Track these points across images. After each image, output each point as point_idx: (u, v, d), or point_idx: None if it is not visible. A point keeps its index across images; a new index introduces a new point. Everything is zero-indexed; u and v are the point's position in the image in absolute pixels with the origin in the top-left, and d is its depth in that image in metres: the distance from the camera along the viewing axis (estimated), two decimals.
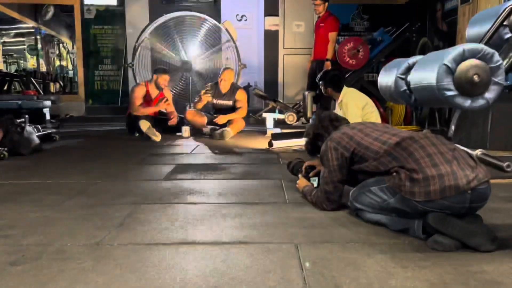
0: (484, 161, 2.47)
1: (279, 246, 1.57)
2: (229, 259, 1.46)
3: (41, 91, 7.67)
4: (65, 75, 13.16)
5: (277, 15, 7.66)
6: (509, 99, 3.44)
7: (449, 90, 1.18)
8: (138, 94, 5.13)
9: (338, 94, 3.70)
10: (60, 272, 1.36)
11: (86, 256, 1.49)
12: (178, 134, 5.09)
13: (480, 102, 1.22)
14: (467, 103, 1.22)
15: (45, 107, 4.91)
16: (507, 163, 2.44)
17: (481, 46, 1.17)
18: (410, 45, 6.53)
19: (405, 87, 1.43)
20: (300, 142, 4.17)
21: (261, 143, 4.36)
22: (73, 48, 8.49)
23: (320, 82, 3.80)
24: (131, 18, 7.44)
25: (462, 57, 1.16)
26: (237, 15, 8.44)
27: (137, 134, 4.86)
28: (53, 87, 9.83)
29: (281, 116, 5.45)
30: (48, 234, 1.72)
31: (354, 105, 3.54)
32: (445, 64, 1.16)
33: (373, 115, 3.62)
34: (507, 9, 1.31)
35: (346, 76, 5.96)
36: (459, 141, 3.17)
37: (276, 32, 7.74)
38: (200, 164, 3.30)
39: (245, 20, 8.47)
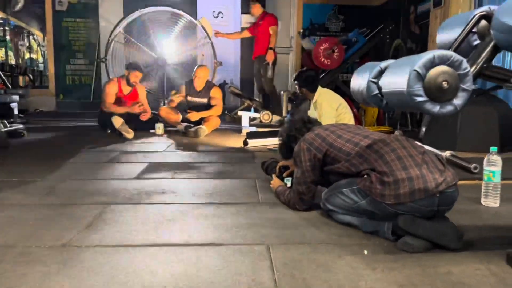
0: (452, 162, 2.54)
1: (251, 248, 1.56)
2: (200, 261, 1.44)
3: (9, 85, 7.41)
4: (35, 68, 12.76)
5: None
6: (477, 102, 3.55)
7: (419, 96, 1.20)
8: (110, 91, 5.02)
9: (313, 95, 3.72)
10: (23, 276, 1.31)
11: (52, 259, 1.44)
12: (151, 131, 5.00)
13: (449, 108, 1.24)
14: (436, 109, 1.24)
15: (13, 102, 4.74)
16: (474, 164, 2.51)
17: (450, 53, 1.19)
18: (384, 47, 6.65)
19: (376, 91, 1.45)
20: (275, 141, 4.17)
21: (236, 141, 4.34)
22: (44, 40, 8.24)
23: (295, 82, 3.81)
24: (104, 12, 7.28)
25: (432, 64, 1.18)
26: (214, 11, 8.37)
27: (109, 131, 4.76)
28: (22, 81, 9.53)
29: (256, 115, 5.45)
30: (12, 236, 1.66)
31: (328, 106, 3.57)
32: (415, 70, 1.18)
33: (347, 116, 3.66)
34: (475, 17, 1.34)
35: (321, 76, 6.02)
36: (430, 142, 3.24)
37: None
38: (173, 162, 3.25)
39: (222, 17, 8.41)
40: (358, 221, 1.76)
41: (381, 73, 1.44)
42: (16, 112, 5.03)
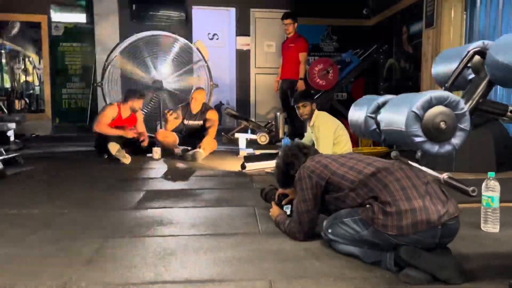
0: (450, 185, 2.54)
1: (252, 284, 1.55)
2: None
3: (5, 109, 7.41)
4: (32, 91, 12.77)
5: (248, 35, 7.74)
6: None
7: (418, 136, 1.22)
8: (108, 113, 5.03)
9: (313, 114, 3.74)
10: None
11: None
12: (148, 155, 5.00)
13: (447, 147, 1.26)
14: (435, 148, 1.26)
15: (10, 130, 4.73)
16: (472, 188, 2.51)
17: (447, 93, 1.22)
18: (378, 66, 6.74)
19: (374, 126, 1.47)
20: (273, 164, 4.18)
21: (233, 164, 4.34)
22: (39, 63, 8.28)
23: (303, 100, 3.80)
24: (100, 36, 7.33)
25: (430, 104, 1.21)
26: (209, 33, 8.49)
27: (106, 156, 4.74)
28: (18, 104, 9.52)
29: (253, 137, 5.47)
30: (10, 274, 1.64)
31: (325, 128, 3.59)
32: (413, 111, 1.20)
33: (344, 138, 3.68)
34: (470, 53, 1.37)
35: (316, 96, 6.07)
36: (426, 163, 3.24)
37: (248, 51, 7.81)
38: (171, 190, 3.24)
39: (217, 39, 8.52)
40: (360, 251, 1.75)
41: (378, 108, 1.46)
42: (12, 138, 5.02)
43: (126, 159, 4.50)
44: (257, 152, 5.16)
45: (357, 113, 1.57)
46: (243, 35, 7.77)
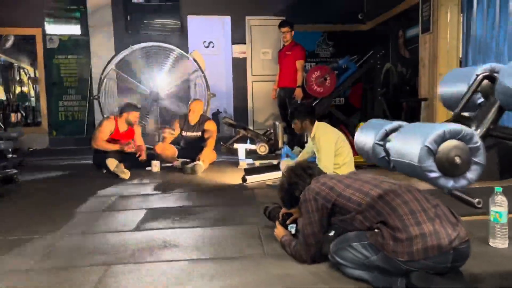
0: (455, 196, 2.51)
1: None
2: None
3: (1, 124, 7.34)
4: (27, 104, 12.70)
5: (244, 43, 7.72)
6: None
7: (432, 171, 1.19)
8: (106, 129, 4.98)
9: (312, 127, 3.71)
10: None
11: None
12: (147, 168, 4.95)
13: (462, 182, 1.24)
14: (450, 183, 1.23)
15: (8, 148, 4.67)
16: (477, 199, 2.48)
17: (460, 127, 1.19)
18: (375, 72, 6.72)
19: (383, 154, 1.44)
20: (274, 176, 4.15)
21: (234, 177, 4.30)
22: (35, 75, 8.20)
23: (294, 116, 3.77)
24: (95, 48, 7.29)
25: (443, 138, 1.18)
26: (204, 41, 8.45)
27: (104, 171, 4.69)
28: (14, 118, 9.46)
29: (252, 147, 5.43)
30: None
31: (326, 140, 3.55)
32: (426, 146, 1.17)
33: (345, 149, 3.64)
34: (478, 78, 1.35)
35: (314, 103, 6.05)
36: None
37: (244, 59, 7.79)
38: (172, 207, 3.19)
39: (213, 47, 8.49)
40: (369, 276, 1.71)
41: (386, 135, 1.43)
42: (9, 155, 4.95)
43: (125, 174, 4.45)
44: (257, 162, 5.13)
45: (364, 138, 1.53)
46: (239, 43, 7.74)
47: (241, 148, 5.29)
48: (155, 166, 4.90)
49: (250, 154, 5.46)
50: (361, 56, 6.40)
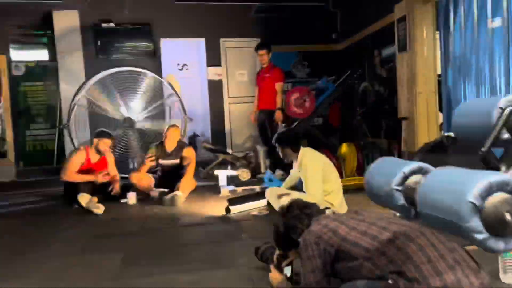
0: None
1: None
2: None
3: None
4: None
5: (220, 65, 7.59)
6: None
7: (480, 232, 1.03)
8: (75, 160, 4.68)
9: (297, 155, 3.55)
10: None
11: None
12: (123, 201, 4.65)
13: None
14: (501, 246, 1.08)
15: None
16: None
17: (507, 177, 1.05)
18: (353, 91, 6.69)
19: (403, 201, 1.28)
20: (259, 204, 3.95)
21: (216, 207, 4.07)
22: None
23: (276, 144, 3.64)
24: (65, 75, 6.96)
25: (489, 192, 1.03)
26: (178, 64, 8.29)
27: (76, 206, 4.37)
28: None
29: (234, 173, 5.23)
30: None
31: (313, 167, 3.39)
32: (470, 202, 1.01)
33: (333, 175, 3.50)
34: (507, 111, 1.22)
35: (294, 125, 5.93)
36: None
37: (220, 81, 7.64)
38: (153, 247, 2.94)
39: (187, 69, 8.33)
40: None
41: (405, 178, 1.27)
42: None
43: (99, 209, 4.15)
44: (239, 189, 4.93)
45: (377, 181, 1.37)
46: (214, 65, 7.60)
47: (222, 175, 5.09)
48: (131, 198, 4.61)
49: (231, 179, 5.26)
50: (339, 76, 6.36)
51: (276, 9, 7.45)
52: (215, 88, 7.65)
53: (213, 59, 7.58)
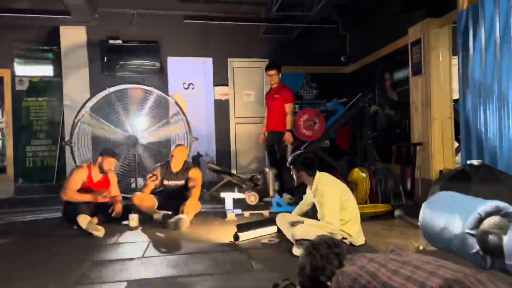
0: None
1: None
2: None
3: None
4: None
5: (227, 85, 7.47)
6: (484, 180, 3.28)
7: None
8: (76, 178, 4.48)
9: (312, 179, 3.35)
10: None
11: None
12: (124, 223, 4.43)
13: None
14: None
15: None
16: None
17: None
18: (364, 114, 6.52)
19: (477, 248, 1.08)
20: (269, 231, 3.73)
21: (223, 232, 3.85)
22: (1, 117, 7.61)
23: (291, 166, 3.44)
24: (69, 90, 6.86)
25: None
26: (184, 83, 8.19)
27: (75, 227, 4.15)
28: None
29: (241, 196, 5.02)
30: None
31: (331, 194, 3.17)
32: None
33: (351, 203, 3.29)
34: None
35: (303, 147, 5.75)
36: None
37: (227, 101, 7.51)
38: (156, 278, 2.72)
39: (193, 88, 8.23)
40: None
41: (481, 221, 1.08)
42: None
43: (99, 232, 3.94)
44: (246, 213, 4.71)
45: (440, 220, 1.16)
46: (221, 85, 7.48)
47: (229, 198, 4.88)
48: (133, 220, 4.38)
49: (237, 202, 5.05)
50: (350, 98, 6.21)
51: (285, 30, 7.38)
52: (221, 108, 7.52)
53: (220, 78, 7.47)
